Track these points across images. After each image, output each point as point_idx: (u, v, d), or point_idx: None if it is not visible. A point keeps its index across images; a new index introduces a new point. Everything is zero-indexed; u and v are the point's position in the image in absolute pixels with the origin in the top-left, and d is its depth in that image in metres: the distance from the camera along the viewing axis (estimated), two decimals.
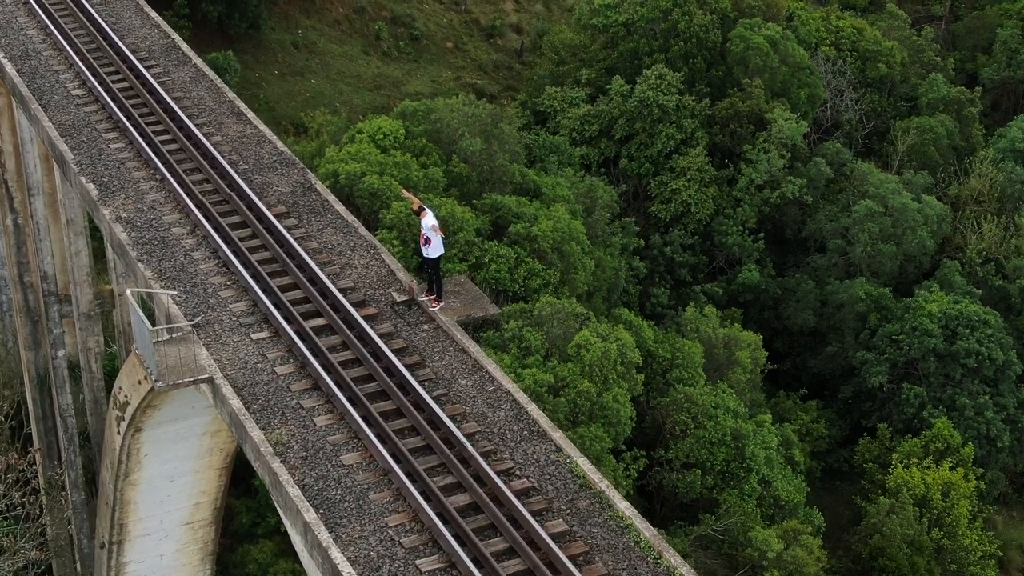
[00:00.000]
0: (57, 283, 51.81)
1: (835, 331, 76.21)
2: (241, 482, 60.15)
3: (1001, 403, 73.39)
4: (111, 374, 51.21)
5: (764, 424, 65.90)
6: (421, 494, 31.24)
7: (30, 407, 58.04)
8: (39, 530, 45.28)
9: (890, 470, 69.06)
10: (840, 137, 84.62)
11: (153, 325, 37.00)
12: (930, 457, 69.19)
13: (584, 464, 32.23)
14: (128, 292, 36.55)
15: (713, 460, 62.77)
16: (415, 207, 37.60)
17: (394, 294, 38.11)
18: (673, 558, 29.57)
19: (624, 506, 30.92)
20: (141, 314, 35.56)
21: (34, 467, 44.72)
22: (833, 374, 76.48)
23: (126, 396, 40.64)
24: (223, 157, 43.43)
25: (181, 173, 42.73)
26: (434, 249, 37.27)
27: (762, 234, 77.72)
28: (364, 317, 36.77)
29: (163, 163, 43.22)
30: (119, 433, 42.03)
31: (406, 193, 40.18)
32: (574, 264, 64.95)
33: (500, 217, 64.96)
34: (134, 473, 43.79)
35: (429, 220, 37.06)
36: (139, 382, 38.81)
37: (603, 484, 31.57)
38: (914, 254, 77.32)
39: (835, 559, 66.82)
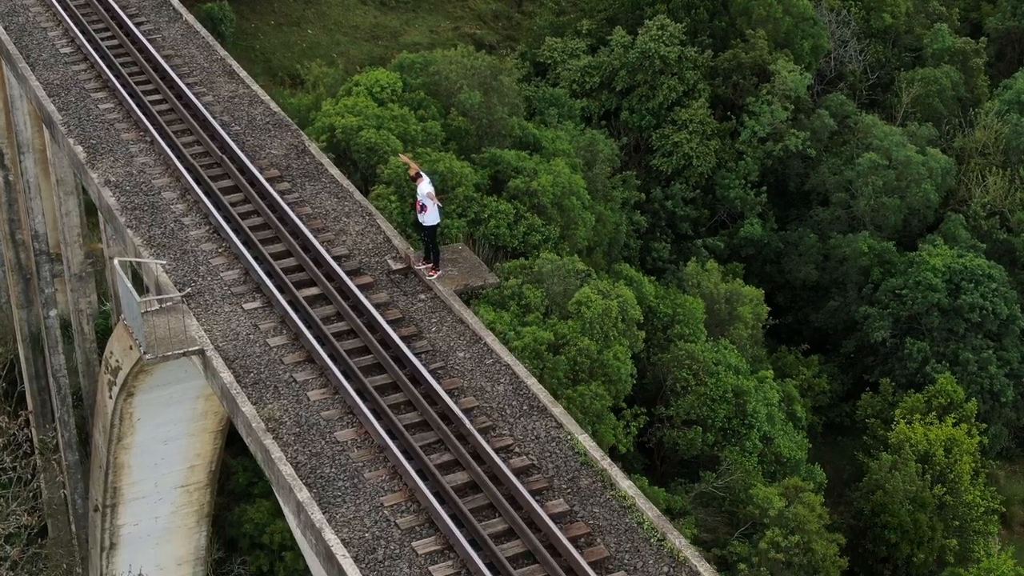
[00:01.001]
0: (48, 242, 50.99)
1: (838, 285, 75.40)
2: (237, 441, 59.32)
3: (1005, 358, 72.67)
4: (105, 332, 50.54)
5: (765, 380, 65.20)
6: (418, 472, 30.52)
7: (23, 366, 57.36)
8: (31, 494, 44.64)
9: (892, 426, 68.41)
10: (844, 89, 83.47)
11: (142, 293, 36.22)
12: (933, 413, 68.53)
13: (585, 441, 31.48)
14: (116, 261, 35.75)
15: (714, 417, 62.11)
16: (412, 173, 36.67)
17: (390, 262, 37.29)
18: (677, 540, 28.88)
19: (627, 485, 30.22)
20: (129, 285, 34.76)
21: (25, 430, 43.99)
22: (835, 328, 75.71)
23: (117, 361, 39.94)
24: (215, 118, 42.54)
25: (171, 135, 41.86)
26: (430, 217, 36.38)
27: (764, 187, 76.75)
28: (359, 286, 36.00)
29: (153, 124, 42.32)
30: (111, 398, 41.39)
31: (404, 158, 39.27)
32: (574, 219, 64.06)
33: (499, 171, 64.00)
34: (127, 437, 43.19)
35: (425, 187, 36.14)
36: (130, 347, 38.09)
37: (605, 462, 30.86)
38: (918, 207, 76.39)
39: (836, 514, 66.25)
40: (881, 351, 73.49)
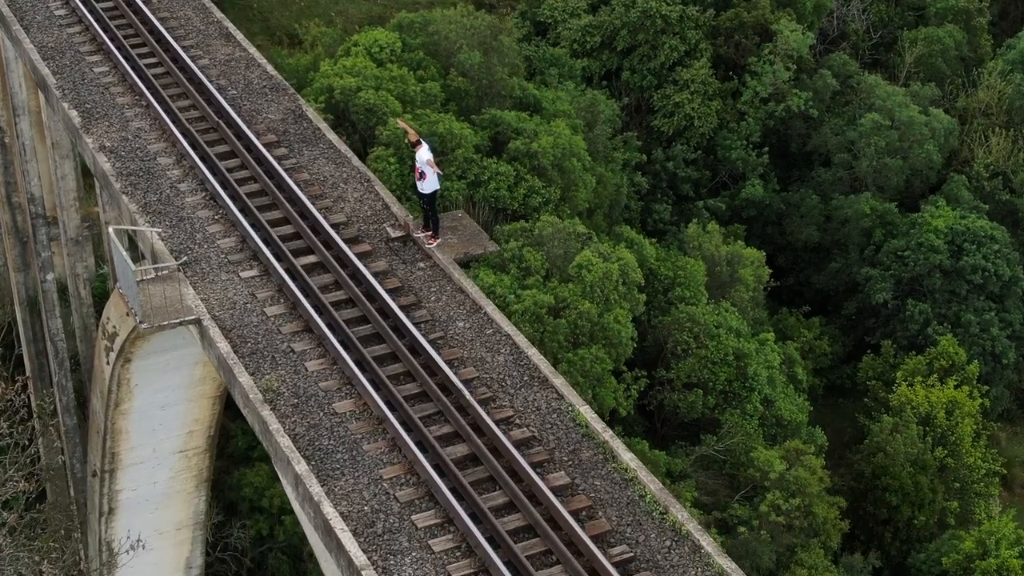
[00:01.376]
0: (44, 205, 50.52)
1: (839, 247, 74.98)
2: (236, 405, 59.11)
3: (1007, 319, 72.36)
4: (103, 296, 50.18)
5: (767, 343, 64.92)
6: (417, 445, 30.19)
7: (20, 329, 57.01)
8: (28, 459, 44.29)
9: (894, 388, 68.18)
10: (847, 48, 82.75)
11: (138, 260, 35.85)
12: (935, 375, 68.29)
13: (587, 413, 31.12)
14: (111, 229, 35.34)
15: (715, 380, 61.85)
16: (412, 139, 36.17)
17: (389, 230, 36.85)
18: (680, 513, 28.60)
19: (628, 457, 29.90)
20: (124, 253, 34.37)
21: (22, 396, 43.60)
22: (837, 290, 75.36)
23: (114, 327, 39.64)
24: (211, 82, 42.03)
25: (167, 99, 41.34)
26: (429, 184, 35.91)
27: (766, 148, 76.16)
28: (358, 255, 35.58)
29: (148, 88, 41.80)
30: (108, 364, 41.11)
31: (403, 123, 38.80)
32: (575, 181, 63.61)
33: (499, 133, 63.51)
34: (124, 403, 42.93)
35: (424, 154, 35.67)
36: (126, 314, 37.76)
37: (607, 434, 30.51)
38: (921, 168, 75.88)
39: (837, 476, 66.09)
40: (883, 313, 73.17)
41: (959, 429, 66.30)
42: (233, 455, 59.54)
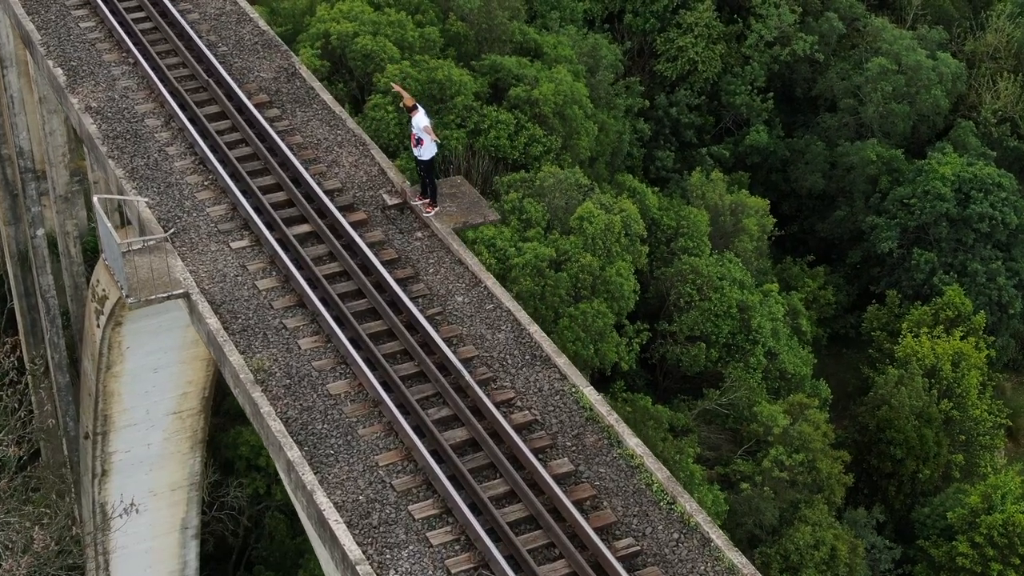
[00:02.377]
0: (34, 159, 49.17)
1: (844, 194, 73.82)
2: None
3: (1013, 268, 71.31)
4: (94, 252, 49.05)
5: (771, 294, 63.90)
6: (415, 429, 29.07)
7: (12, 284, 55.89)
8: (18, 422, 43.30)
9: (899, 339, 67.23)
10: None
11: (125, 225, 34.64)
12: (940, 326, 67.32)
13: (591, 394, 29.95)
14: (96, 200, 34.04)
15: (718, 333, 60.84)
16: (407, 104, 34.86)
17: (385, 196, 35.54)
18: (688, 504, 27.55)
19: (634, 443, 28.81)
20: (109, 225, 33.12)
21: (11, 358, 42.56)
22: (841, 238, 74.26)
23: (104, 290, 38.52)
24: (200, 38, 40.58)
25: (155, 56, 39.93)
26: (426, 150, 34.61)
27: (771, 94, 74.90)
28: (353, 224, 34.34)
29: (136, 45, 40.37)
30: (99, 327, 40.05)
31: (397, 87, 37.47)
32: (576, 129, 62.42)
33: (499, 79, 62.27)
34: (116, 365, 41.92)
35: (421, 119, 34.36)
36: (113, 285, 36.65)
37: (612, 418, 29.37)
38: (927, 114, 74.59)
39: (841, 429, 65.31)
40: (888, 262, 72.11)
41: (965, 381, 65.44)
42: (229, 412, 58.53)
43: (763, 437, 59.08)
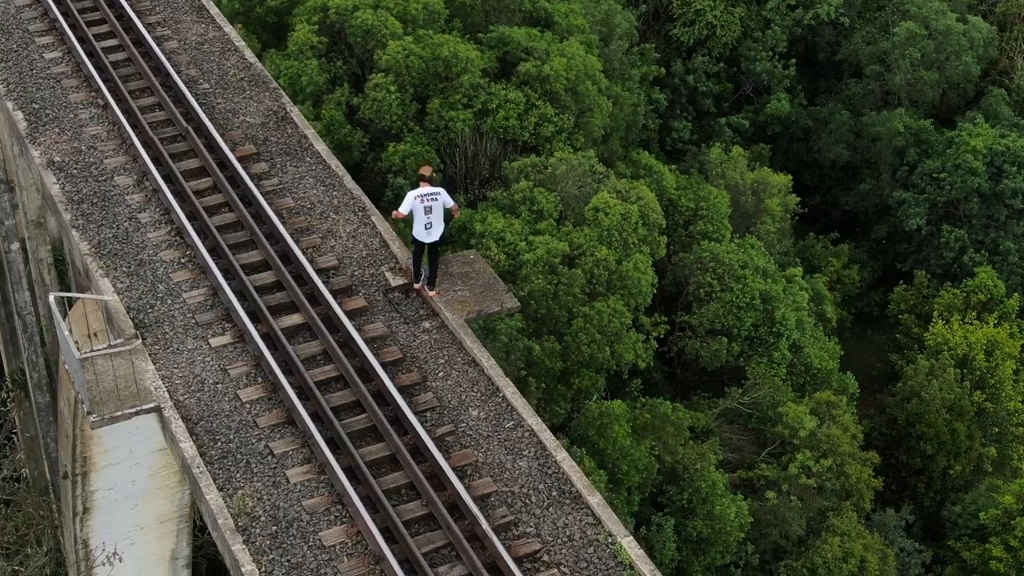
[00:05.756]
0: (6, 170, 44.90)
1: (870, 166, 70.09)
2: None
3: None
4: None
5: (794, 279, 60.32)
6: None
7: None
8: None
9: (929, 325, 63.79)
10: None
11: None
12: (972, 311, 63.86)
13: (631, 548, 25.44)
14: (51, 298, 29.46)
15: (740, 326, 57.27)
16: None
17: (388, 275, 30.81)
18: None
19: None
20: (65, 330, 28.65)
21: None
22: (866, 212, 70.64)
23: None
24: (179, 73, 35.94)
25: (127, 96, 35.17)
26: (433, 232, 30.01)
27: (793, 59, 71.06)
28: (350, 313, 29.69)
29: (105, 82, 35.65)
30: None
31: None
32: (590, 106, 58.76)
33: (508, 53, 58.53)
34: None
35: (448, 199, 29.30)
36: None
37: None
38: (958, 81, 70.74)
39: (867, 419, 62.08)
40: (915, 239, 68.56)
41: (999, 371, 62.20)
42: None
43: (788, 439, 55.87)
